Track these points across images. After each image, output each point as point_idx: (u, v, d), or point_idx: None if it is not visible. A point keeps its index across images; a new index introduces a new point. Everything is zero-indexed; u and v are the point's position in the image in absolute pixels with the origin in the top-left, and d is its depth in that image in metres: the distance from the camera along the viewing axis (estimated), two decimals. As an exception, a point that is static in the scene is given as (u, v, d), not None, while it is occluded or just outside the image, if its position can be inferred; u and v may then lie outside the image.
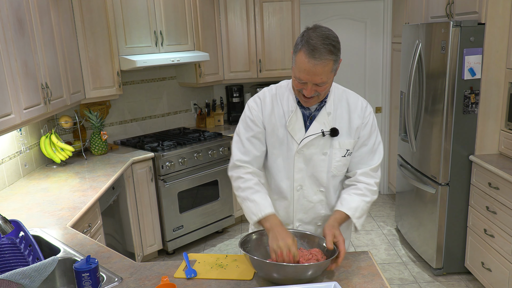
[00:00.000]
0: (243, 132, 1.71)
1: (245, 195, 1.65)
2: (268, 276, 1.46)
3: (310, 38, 1.47)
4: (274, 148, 1.71)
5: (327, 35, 1.48)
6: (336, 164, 1.70)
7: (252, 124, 1.70)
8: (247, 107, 1.73)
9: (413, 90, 3.49)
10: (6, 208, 2.42)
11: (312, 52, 1.46)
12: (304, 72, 1.49)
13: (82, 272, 1.43)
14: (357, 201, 1.67)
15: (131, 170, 3.42)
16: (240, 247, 1.53)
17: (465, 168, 3.12)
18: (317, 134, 1.65)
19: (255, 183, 1.67)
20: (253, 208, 1.62)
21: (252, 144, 1.70)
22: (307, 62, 1.47)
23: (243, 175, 1.68)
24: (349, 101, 1.71)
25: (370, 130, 1.70)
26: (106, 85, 3.47)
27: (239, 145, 1.72)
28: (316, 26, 1.52)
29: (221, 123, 4.60)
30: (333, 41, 1.48)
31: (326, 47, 1.46)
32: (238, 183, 1.69)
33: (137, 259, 3.46)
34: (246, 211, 1.65)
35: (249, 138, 1.70)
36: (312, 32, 1.49)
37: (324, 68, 1.48)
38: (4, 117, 2.19)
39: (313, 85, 1.52)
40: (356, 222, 1.67)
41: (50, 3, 2.80)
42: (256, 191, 1.65)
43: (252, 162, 1.70)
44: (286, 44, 4.36)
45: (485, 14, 2.86)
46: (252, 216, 1.62)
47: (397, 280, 3.32)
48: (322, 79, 1.50)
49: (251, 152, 1.70)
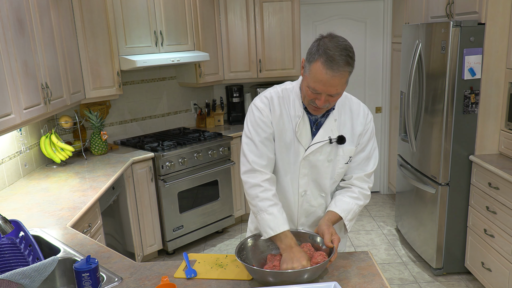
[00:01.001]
0: (255, 134, 1.64)
1: (263, 206, 1.59)
2: (266, 282, 1.47)
3: (328, 49, 1.42)
4: (281, 152, 1.67)
5: (344, 46, 1.44)
6: (339, 171, 1.70)
7: (264, 125, 1.64)
8: (255, 108, 1.66)
9: (413, 90, 3.49)
10: (6, 208, 2.42)
11: (330, 63, 1.41)
12: (320, 83, 1.45)
13: (82, 272, 1.43)
14: (351, 203, 1.68)
15: (131, 170, 3.42)
16: (237, 256, 1.51)
17: (465, 168, 3.12)
18: (325, 141, 1.64)
19: (273, 194, 1.62)
20: (271, 222, 1.56)
21: (266, 146, 1.64)
22: (325, 73, 1.43)
23: (261, 183, 1.61)
24: (352, 107, 1.69)
25: (369, 137, 1.71)
26: (106, 85, 3.47)
27: (253, 147, 1.64)
28: (332, 35, 1.48)
29: (221, 123, 4.60)
30: (350, 52, 1.45)
31: (344, 59, 1.42)
32: (256, 192, 1.61)
33: (137, 259, 3.46)
34: (262, 223, 1.59)
35: (262, 140, 1.64)
36: (329, 41, 1.45)
37: (341, 79, 1.45)
38: (4, 117, 2.19)
39: (327, 96, 1.49)
40: (347, 224, 1.68)
41: (50, 3, 2.80)
42: (274, 203, 1.60)
43: (268, 166, 1.65)
44: (286, 44, 4.36)
45: (485, 14, 2.86)
46: (268, 231, 1.57)
47: (397, 280, 3.32)
48: (337, 90, 1.47)
49: (266, 155, 1.64)
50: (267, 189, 1.61)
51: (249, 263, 1.56)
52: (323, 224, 1.59)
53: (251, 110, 1.68)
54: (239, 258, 1.49)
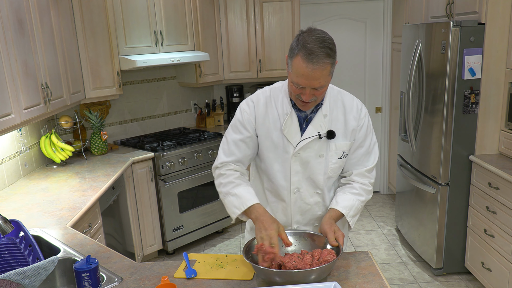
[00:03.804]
0: (231, 134, 1.70)
1: (226, 190, 1.64)
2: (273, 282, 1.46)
3: (306, 42, 1.45)
4: (269, 151, 1.69)
5: (323, 38, 1.46)
6: (332, 167, 1.69)
7: (241, 127, 1.69)
8: (239, 110, 1.71)
9: (413, 90, 3.49)
10: (6, 208, 2.42)
11: (309, 56, 1.43)
12: (302, 77, 1.47)
13: (82, 272, 1.43)
14: (352, 200, 1.67)
15: (131, 170, 3.42)
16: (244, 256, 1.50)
17: (465, 168, 3.12)
18: (314, 137, 1.64)
19: (236, 177, 1.65)
20: (235, 202, 1.60)
21: (237, 147, 1.68)
22: (305, 67, 1.44)
23: (224, 172, 1.67)
24: (344, 102, 1.70)
25: (366, 132, 1.71)
26: (106, 85, 3.47)
27: (225, 146, 1.71)
28: (311, 29, 1.50)
29: (221, 123, 4.60)
30: (330, 43, 1.46)
31: (323, 51, 1.44)
32: (219, 180, 1.68)
33: (137, 259, 3.46)
34: (228, 205, 1.63)
35: (236, 141, 1.68)
36: (308, 35, 1.47)
37: (322, 72, 1.46)
38: (4, 117, 2.19)
39: (311, 89, 1.50)
40: (350, 221, 1.68)
41: (50, 3, 2.80)
42: (237, 184, 1.63)
43: (234, 162, 1.69)
44: (286, 44, 4.36)
45: (485, 14, 2.86)
46: (234, 210, 1.60)
47: (397, 280, 3.32)
48: (321, 83, 1.48)
49: (234, 155, 1.68)
50: (229, 174, 1.66)
51: (256, 262, 1.55)
52: (325, 223, 1.59)
53: (236, 112, 1.74)
54: (246, 258, 1.48)
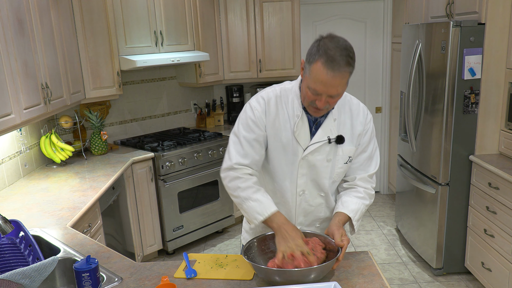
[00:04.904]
0: (243, 134, 1.63)
1: (247, 194, 1.60)
2: (272, 281, 1.46)
3: (328, 49, 1.41)
4: (278, 152, 1.66)
5: (345, 46, 1.43)
6: (338, 171, 1.69)
7: (254, 125, 1.63)
8: (249, 107, 1.65)
9: (413, 90, 3.49)
10: (6, 208, 2.42)
11: (330, 63, 1.40)
12: (320, 84, 1.44)
13: (82, 272, 1.43)
14: (357, 203, 1.67)
15: (131, 170, 3.42)
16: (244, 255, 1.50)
17: (465, 168, 3.12)
18: (324, 141, 1.63)
19: (254, 182, 1.62)
20: (258, 208, 1.57)
21: (252, 147, 1.63)
22: (326, 73, 1.41)
23: (241, 175, 1.62)
24: (351, 107, 1.69)
25: (370, 137, 1.71)
26: (106, 85, 3.47)
27: (238, 147, 1.64)
28: (332, 35, 1.47)
29: (221, 123, 4.60)
30: (351, 52, 1.44)
31: (345, 59, 1.41)
32: (237, 183, 1.62)
33: (137, 259, 3.46)
34: (249, 211, 1.59)
35: (250, 141, 1.63)
36: (329, 42, 1.44)
37: (342, 80, 1.44)
38: (4, 117, 2.19)
39: (327, 96, 1.48)
40: (355, 224, 1.68)
41: (50, 3, 2.80)
42: (257, 189, 1.61)
43: (251, 165, 1.64)
44: (286, 44, 4.36)
45: (485, 14, 2.86)
46: (257, 216, 1.57)
47: (397, 280, 3.32)
48: (338, 91, 1.47)
49: (250, 155, 1.63)
50: (248, 178, 1.62)
51: (256, 262, 1.55)
52: (334, 225, 1.58)
53: (245, 109, 1.67)
54: (246, 258, 1.48)
